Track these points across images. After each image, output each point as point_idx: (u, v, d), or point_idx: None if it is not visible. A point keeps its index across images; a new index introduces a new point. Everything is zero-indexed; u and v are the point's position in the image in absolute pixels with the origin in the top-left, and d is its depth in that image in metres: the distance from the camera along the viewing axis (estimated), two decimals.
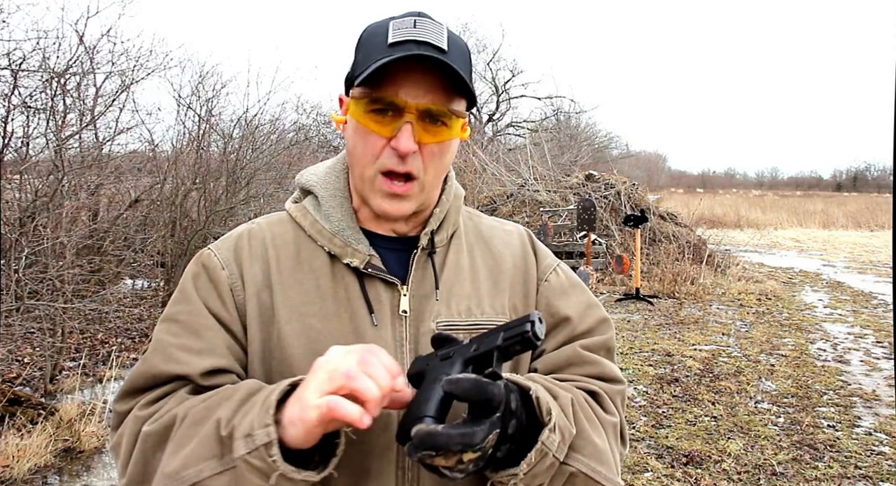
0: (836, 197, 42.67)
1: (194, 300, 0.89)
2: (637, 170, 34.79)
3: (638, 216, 8.86)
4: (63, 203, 5.56)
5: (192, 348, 0.86)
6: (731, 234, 15.61)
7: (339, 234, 0.92)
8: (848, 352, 6.34)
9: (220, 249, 0.94)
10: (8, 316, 4.71)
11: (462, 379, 0.67)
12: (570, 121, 24.39)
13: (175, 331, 0.88)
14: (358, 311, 0.89)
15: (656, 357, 5.93)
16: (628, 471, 3.60)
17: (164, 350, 0.86)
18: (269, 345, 0.88)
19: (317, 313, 0.89)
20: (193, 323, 0.88)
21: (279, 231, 0.95)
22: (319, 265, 0.91)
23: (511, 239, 1.03)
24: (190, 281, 0.92)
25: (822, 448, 3.98)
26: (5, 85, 5.36)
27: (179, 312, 0.89)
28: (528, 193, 12.27)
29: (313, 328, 0.88)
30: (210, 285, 0.90)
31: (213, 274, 0.91)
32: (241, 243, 0.94)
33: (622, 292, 9.11)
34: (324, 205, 0.94)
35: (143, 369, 0.87)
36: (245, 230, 0.96)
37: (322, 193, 0.95)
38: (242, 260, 0.92)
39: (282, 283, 0.90)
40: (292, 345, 0.87)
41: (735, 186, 69.75)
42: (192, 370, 0.85)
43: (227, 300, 0.89)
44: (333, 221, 0.93)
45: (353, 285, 0.90)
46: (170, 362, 0.85)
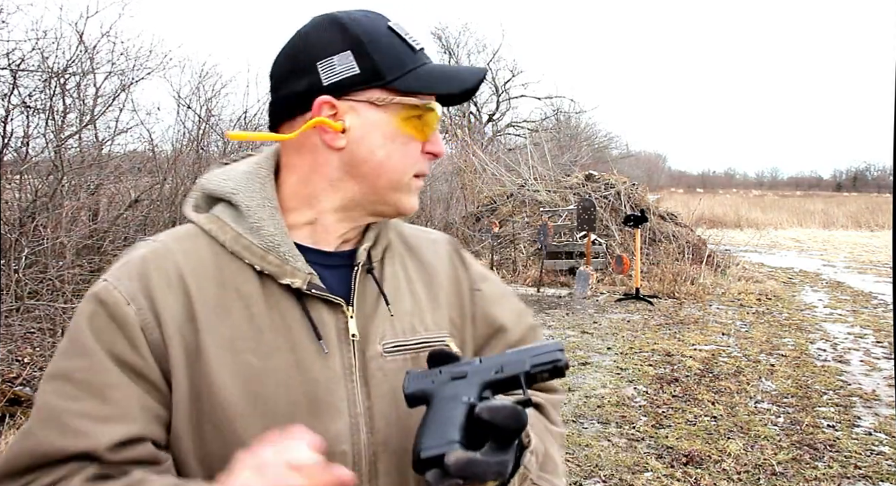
0: (836, 197, 42.65)
1: (93, 350, 0.71)
2: (637, 170, 34.78)
3: (638, 216, 8.85)
4: (63, 203, 5.56)
5: (95, 415, 0.69)
6: (731, 234, 15.61)
7: (272, 250, 0.78)
8: (848, 352, 6.34)
9: (121, 279, 0.75)
10: (8, 316, 4.71)
11: (503, 408, 0.63)
12: (570, 121, 24.41)
13: (70, 393, 0.70)
14: (300, 340, 0.78)
15: (656, 357, 5.93)
16: (628, 471, 3.60)
17: (58, 419, 0.69)
18: (197, 390, 0.74)
19: (253, 347, 0.76)
20: (94, 381, 0.70)
21: (191, 248, 0.79)
22: (249, 289, 0.78)
23: (439, 249, 0.96)
24: (85, 326, 0.73)
25: (821, 448, 3.97)
26: (5, 85, 5.37)
27: (74, 368, 0.71)
28: (528, 193, 12.27)
29: (250, 366, 0.75)
30: (113, 327, 0.72)
31: (117, 312, 0.73)
32: (147, 269, 0.76)
33: (622, 292, 9.11)
34: (250, 216, 0.79)
35: (28, 446, 0.68)
36: (148, 252, 0.78)
37: (246, 202, 0.80)
38: (152, 290, 0.74)
39: (207, 314, 0.75)
40: (226, 387, 0.74)
41: (735, 186, 69.74)
42: (98, 444, 0.68)
43: (138, 343, 0.72)
44: (265, 236, 0.79)
45: (291, 310, 0.78)
46: (67, 436, 0.68)
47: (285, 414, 0.75)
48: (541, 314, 7.81)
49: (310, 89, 0.79)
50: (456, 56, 24.51)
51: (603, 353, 6.07)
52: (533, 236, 10.80)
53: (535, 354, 0.69)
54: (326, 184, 0.82)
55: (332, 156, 0.81)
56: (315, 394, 0.77)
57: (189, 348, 0.74)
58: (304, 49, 0.80)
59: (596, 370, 5.48)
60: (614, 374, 5.39)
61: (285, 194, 0.83)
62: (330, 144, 0.80)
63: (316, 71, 0.79)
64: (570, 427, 4.20)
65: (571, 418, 4.37)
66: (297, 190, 0.82)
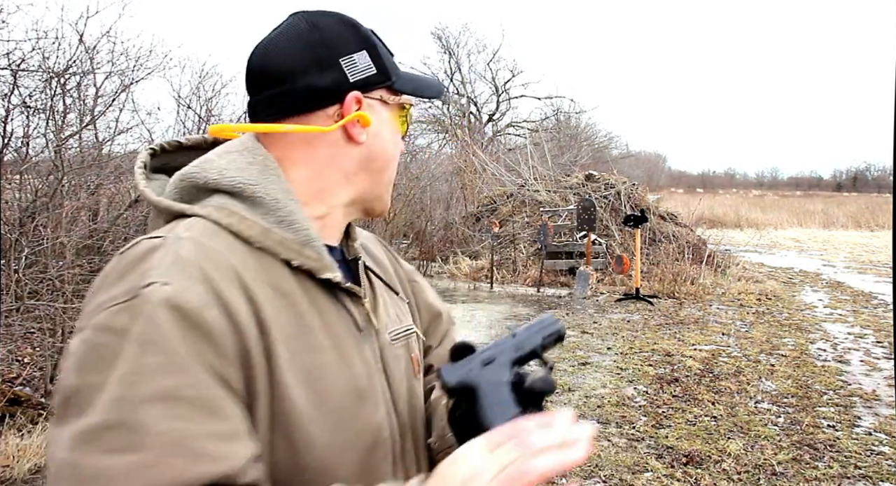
0: (836, 197, 42.68)
1: (189, 364, 0.64)
2: (637, 170, 34.80)
3: (638, 216, 8.86)
4: (63, 203, 5.56)
5: (220, 434, 0.63)
6: (730, 234, 15.60)
7: (308, 244, 0.77)
8: (848, 352, 6.34)
9: (183, 281, 0.67)
10: (8, 316, 4.71)
11: (546, 379, 0.75)
12: (570, 121, 24.41)
13: (185, 414, 0.62)
14: (340, 334, 0.78)
15: (656, 357, 5.93)
16: (628, 471, 3.60)
17: (183, 444, 0.60)
18: (271, 395, 0.70)
19: (305, 346, 0.74)
20: (204, 397, 0.63)
21: (224, 245, 0.73)
22: (288, 286, 0.75)
23: (377, 245, 1.01)
24: (173, 337, 0.64)
25: (822, 448, 3.97)
26: (5, 85, 5.37)
27: (178, 385, 0.63)
28: (528, 193, 12.27)
29: (308, 366, 0.74)
30: (197, 336, 0.65)
31: (199, 319, 0.65)
32: (206, 268, 0.69)
33: (622, 292, 9.11)
34: (279, 209, 0.77)
35: (159, 479, 0.59)
36: (192, 249, 0.70)
37: (273, 194, 0.77)
38: (221, 292, 0.68)
39: (267, 315, 0.71)
40: (294, 390, 0.71)
41: (735, 186, 69.77)
42: (235, 466, 0.62)
43: (225, 352, 0.66)
44: (298, 230, 0.77)
45: (327, 305, 0.78)
46: (202, 461, 0.61)
47: (341, 410, 0.76)
48: (541, 314, 7.80)
49: (338, 84, 0.80)
50: (456, 56, 24.53)
51: (603, 353, 6.07)
52: (533, 236, 10.80)
53: (541, 329, 0.81)
54: (341, 178, 0.83)
55: (352, 150, 0.82)
56: (359, 386, 0.78)
57: (263, 354, 0.70)
58: (323, 44, 0.80)
59: (596, 370, 5.48)
60: (614, 374, 5.39)
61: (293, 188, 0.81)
62: (356, 138, 0.81)
63: (340, 67, 0.80)
64: None
65: None
66: (309, 184, 0.81)
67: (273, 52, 0.80)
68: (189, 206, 0.77)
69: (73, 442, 0.61)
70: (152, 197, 0.79)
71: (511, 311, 8.02)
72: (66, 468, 0.60)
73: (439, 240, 12.12)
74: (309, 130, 0.79)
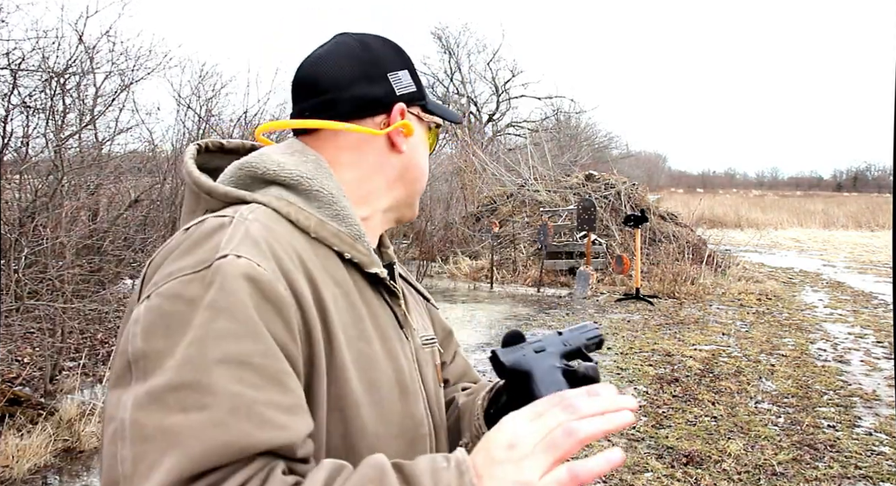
0: (836, 197, 42.69)
1: (263, 334, 0.65)
2: (637, 170, 34.82)
3: (638, 216, 8.85)
4: (63, 203, 5.56)
5: (285, 406, 0.64)
6: (731, 234, 15.60)
7: (360, 239, 0.81)
8: (848, 352, 6.34)
9: (255, 256, 0.68)
10: (8, 316, 4.71)
11: (594, 367, 0.80)
12: (570, 121, 24.42)
13: (253, 381, 0.63)
14: (386, 328, 0.82)
15: (656, 357, 5.93)
16: (628, 471, 3.60)
17: (250, 409, 0.61)
18: (331, 377, 0.73)
19: (359, 335, 0.77)
20: (273, 368, 0.65)
21: (286, 230, 0.76)
22: (341, 276, 0.78)
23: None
24: (249, 305, 0.65)
25: (822, 448, 3.97)
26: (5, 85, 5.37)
27: (250, 352, 0.63)
28: (528, 193, 12.27)
29: (364, 354, 0.77)
30: (269, 308, 0.66)
31: (272, 292, 0.67)
32: (274, 247, 0.71)
33: (622, 292, 9.11)
34: (334, 203, 0.81)
35: (222, 439, 0.60)
36: (263, 229, 0.72)
37: (329, 189, 0.81)
38: (288, 271, 0.70)
39: (327, 300, 0.74)
40: (352, 376, 0.74)
41: (735, 186, 69.78)
42: (297, 437, 0.64)
43: (292, 327, 0.68)
44: (352, 224, 0.81)
45: (374, 299, 0.82)
46: (266, 428, 0.62)
47: (389, 400, 0.79)
48: (541, 314, 7.81)
49: (388, 96, 0.87)
50: (456, 56, 24.52)
51: (603, 353, 6.06)
52: (533, 236, 10.80)
53: (585, 331, 0.87)
54: (384, 183, 0.89)
55: (394, 158, 0.88)
56: (403, 381, 0.81)
57: (322, 335, 0.72)
58: (372, 60, 0.87)
59: None
60: (614, 374, 5.39)
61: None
62: (399, 146, 0.88)
63: (388, 81, 0.87)
64: None
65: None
66: (356, 186, 0.87)
67: (325, 64, 0.87)
68: (249, 193, 0.79)
69: (139, 402, 0.61)
70: (209, 182, 0.80)
71: (511, 311, 8.02)
72: (131, 426, 0.61)
73: (439, 240, 12.12)
74: (363, 131, 0.85)
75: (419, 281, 9.09)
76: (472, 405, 0.95)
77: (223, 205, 0.78)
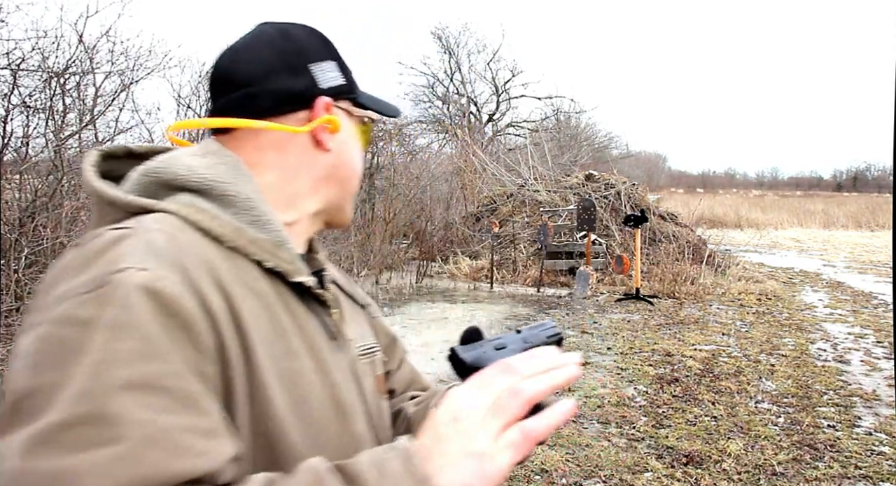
0: (836, 197, 42.71)
1: (170, 353, 0.58)
2: (637, 170, 34.83)
3: (638, 216, 8.86)
4: (63, 203, 5.56)
5: (202, 430, 0.58)
6: (731, 234, 15.60)
7: (282, 246, 0.74)
8: (848, 352, 6.34)
9: (158, 267, 0.61)
10: (8, 316, 4.71)
11: None
12: (570, 121, 24.42)
13: (164, 405, 0.56)
14: (315, 341, 0.75)
15: (656, 357, 5.93)
16: (628, 471, 3.60)
17: (164, 437, 0.55)
18: (251, 398, 0.66)
19: (284, 351, 0.70)
20: (185, 389, 0.58)
21: (195, 239, 0.68)
22: (261, 287, 0.71)
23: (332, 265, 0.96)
24: (152, 323, 0.58)
25: (822, 448, 3.97)
26: (5, 85, 5.37)
27: (159, 374, 0.57)
28: (528, 193, 12.27)
29: (288, 371, 0.70)
30: (174, 325, 0.59)
31: (177, 308, 0.60)
32: (180, 258, 0.64)
33: (622, 292, 9.11)
34: (253, 209, 0.74)
35: (135, 474, 0.53)
36: (167, 239, 0.65)
37: (245, 193, 0.74)
38: (197, 283, 0.63)
39: (244, 314, 0.67)
40: (277, 397, 0.67)
41: (735, 186, 69.82)
42: (217, 463, 0.58)
43: (202, 347, 0.61)
44: (273, 231, 0.74)
45: (300, 310, 0.75)
46: (183, 456, 0.55)
47: (321, 420, 0.73)
48: (541, 314, 7.81)
49: (309, 89, 0.80)
50: (456, 56, 24.51)
51: (603, 353, 6.06)
52: (533, 236, 10.80)
53: (545, 329, 0.83)
54: (311, 184, 0.82)
55: (320, 156, 0.82)
56: (338, 397, 0.76)
57: (239, 353, 0.65)
58: (293, 50, 0.80)
59: (596, 370, 5.48)
60: (614, 374, 5.39)
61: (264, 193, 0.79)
62: (324, 144, 0.81)
63: (310, 73, 0.80)
64: (570, 427, 4.20)
65: (572, 418, 4.36)
66: (279, 189, 0.79)
67: (242, 56, 0.80)
68: (154, 201, 0.71)
69: (27, 447, 0.52)
70: (110, 191, 0.71)
71: (511, 311, 8.02)
72: (18, 478, 0.52)
73: (439, 240, 12.12)
74: (281, 129, 0.78)
75: (419, 281, 9.02)
76: (421, 415, 0.89)
77: (127, 215, 0.69)
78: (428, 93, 24.22)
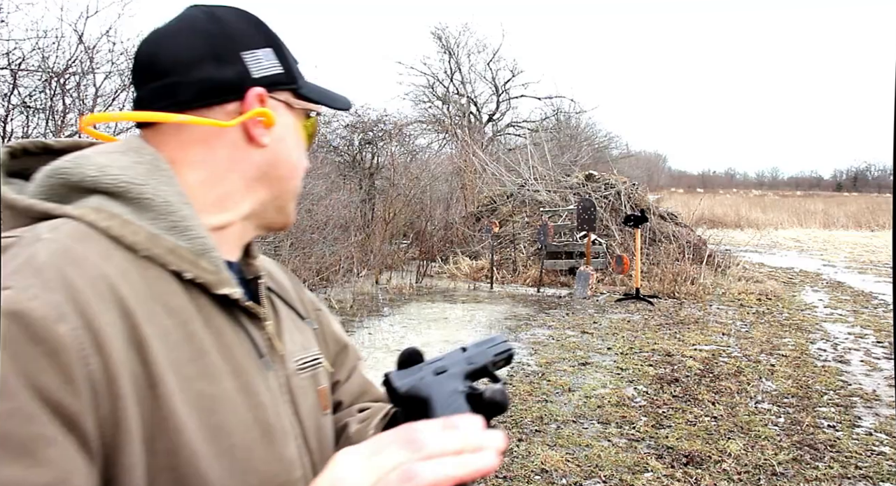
0: (836, 197, 42.74)
1: (15, 388, 0.51)
2: (637, 170, 34.82)
3: (638, 216, 8.85)
4: None
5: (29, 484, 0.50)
6: (731, 234, 15.61)
7: (205, 255, 0.67)
8: (848, 352, 6.34)
9: (32, 287, 0.54)
10: None
11: (501, 390, 0.68)
12: (570, 121, 24.41)
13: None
14: (241, 360, 0.68)
15: (656, 357, 5.93)
16: (628, 471, 3.59)
17: None
18: (152, 433, 0.58)
19: (200, 373, 0.63)
20: (20, 433, 0.50)
21: (100, 250, 0.61)
22: (178, 302, 0.64)
23: (275, 267, 0.91)
24: (7, 350, 0.51)
25: (822, 448, 3.97)
26: (5, 85, 5.37)
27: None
28: (528, 193, 12.27)
29: (204, 396, 0.63)
30: (38, 353, 0.52)
31: (44, 332, 0.52)
32: (68, 275, 0.56)
33: (622, 292, 9.11)
34: (171, 213, 0.66)
35: None
36: (57, 252, 0.58)
37: (165, 196, 0.66)
38: (84, 304, 0.55)
39: (152, 334, 0.60)
40: (187, 424, 0.60)
41: (735, 186, 69.85)
42: None
43: (73, 377, 0.53)
44: (194, 237, 0.66)
45: (224, 326, 0.68)
46: None
47: (243, 446, 0.66)
48: (541, 314, 7.81)
49: (240, 79, 0.72)
50: (456, 56, 24.50)
51: (603, 353, 6.06)
52: (533, 236, 10.80)
53: (492, 346, 0.78)
54: (242, 184, 0.74)
55: (253, 153, 0.74)
56: (265, 419, 0.69)
57: (139, 382, 0.57)
58: (223, 36, 0.72)
59: (596, 370, 5.48)
60: (614, 374, 5.39)
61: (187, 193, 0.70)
62: (258, 139, 0.73)
63: (242, 61, 0.72)
64: (570, 427, 4.20)
65: (571, 418, 4.37)
66: (207, 190, 0.71)
67: (166, 41, 0.72)
68: (58, 206, 0.63)
69: None
70: (9, 194, 0.64)
71: (511, 311, 8.01)
72: None
73: (439, 240, 12.12)
74: (205, 123, 0.70)
75: (419, 281, 8.98)
76: (363, 435, 0.83)
77: (30, 221, 0.62)
78: (428, 93, 24.20)
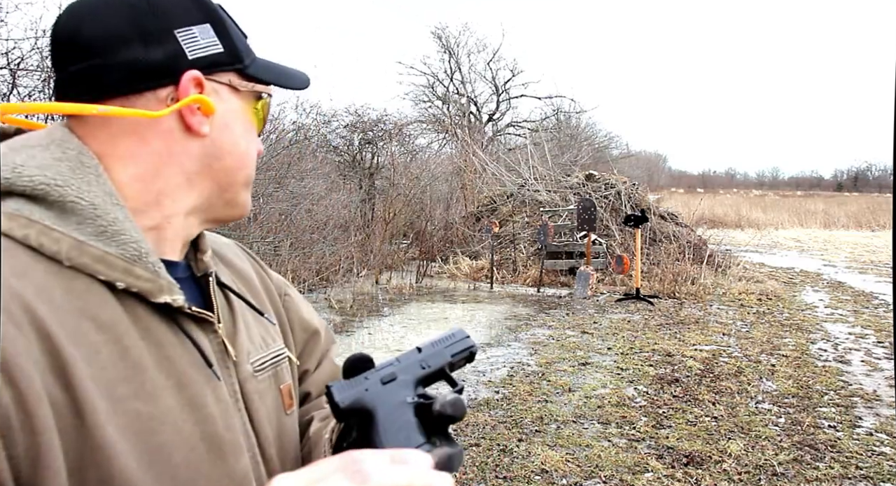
0: (836, 197, 42.74)
1: None
2: (637, 170, 34.83)
3: (638, 216, 8.85)
4: None
5: None
6: (731, 234, 15.60)
7: (139, 261, 0.60)
8: (849, 352, 6.33)
9: None
10: None
11: (457, 401, 0.62)
12: (570, 121, 24.41)
13: None
14: (185, 371, 0.62)
15: (656, 357, 5.92)
16: (628, 471, 3.59)
17: None
18: (78, 465, 0.53)
19: (136, 391, 0.57)
20: None
21: (16, 265, 0.55)
22: (109, 315, 0.58)
23: (238, 253, 0.86)
24: None
25: (822, 449, 3.97)
26: (4, 85, 5.36)
27: None
28: (528, 193, 12.26)
29: (140, 416, 0.57)
30: None
31: None
32: None
33: (622, 292, 9.10)
34: (99, 217, 0.59)
35: None
36: None
37: (89, 198, 0.60)
38: None
39: (76, 358, 0.54)
40: (118, 451, 0.54)
41: (735, 186, 69.88)
42: None
43: None
44: (126, 243, 0.60)
45: (166, 335, 0.62)
46: None
47: (186, 465, 0.60)
48: (541, 314, 7.80)
49: (172, 61, 0.64)
50: (456, 56, 24.50)
51: (603, 353, 6.06)
52: (533, 236, 10.80)
53: (449, 344, 0.71)
54: (182, 178, 0.67)
55: (191, 144, 0.66)
56: (214, 433, 0.64)
57: (62, 411, 0.52)
58: (153, 11, 0.64)
59: (596, 370, 5.47)
60: (614, 374, 5.38)
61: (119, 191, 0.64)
62: (196, 129, 0.66)
63: (175, 40, 0.65)
64: (570, 427, 4.20)
65: (571, 418, 4.36)
66: (141, 186, 0.64)
67: (87, 17, 0.63)
68: None
69: None
70: None
71: (511, 311, 8.01)
72: None
73: (439, 240, 12.12)
74: (131, 114, 0.62)
75: (419, 281, 8.97)
76: (319, 436, 0.78)
77: None
78: (428, 93, 24.20)
